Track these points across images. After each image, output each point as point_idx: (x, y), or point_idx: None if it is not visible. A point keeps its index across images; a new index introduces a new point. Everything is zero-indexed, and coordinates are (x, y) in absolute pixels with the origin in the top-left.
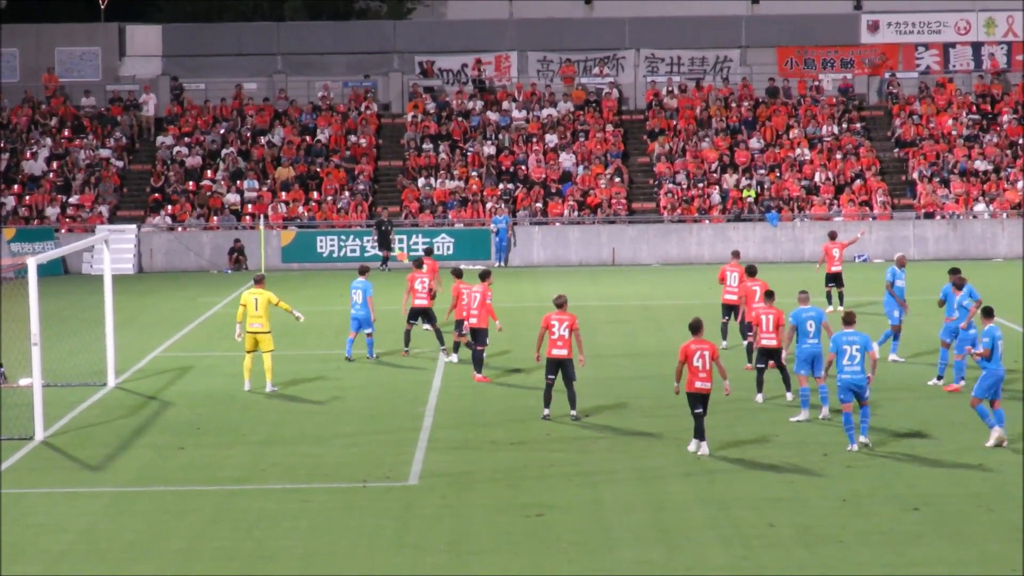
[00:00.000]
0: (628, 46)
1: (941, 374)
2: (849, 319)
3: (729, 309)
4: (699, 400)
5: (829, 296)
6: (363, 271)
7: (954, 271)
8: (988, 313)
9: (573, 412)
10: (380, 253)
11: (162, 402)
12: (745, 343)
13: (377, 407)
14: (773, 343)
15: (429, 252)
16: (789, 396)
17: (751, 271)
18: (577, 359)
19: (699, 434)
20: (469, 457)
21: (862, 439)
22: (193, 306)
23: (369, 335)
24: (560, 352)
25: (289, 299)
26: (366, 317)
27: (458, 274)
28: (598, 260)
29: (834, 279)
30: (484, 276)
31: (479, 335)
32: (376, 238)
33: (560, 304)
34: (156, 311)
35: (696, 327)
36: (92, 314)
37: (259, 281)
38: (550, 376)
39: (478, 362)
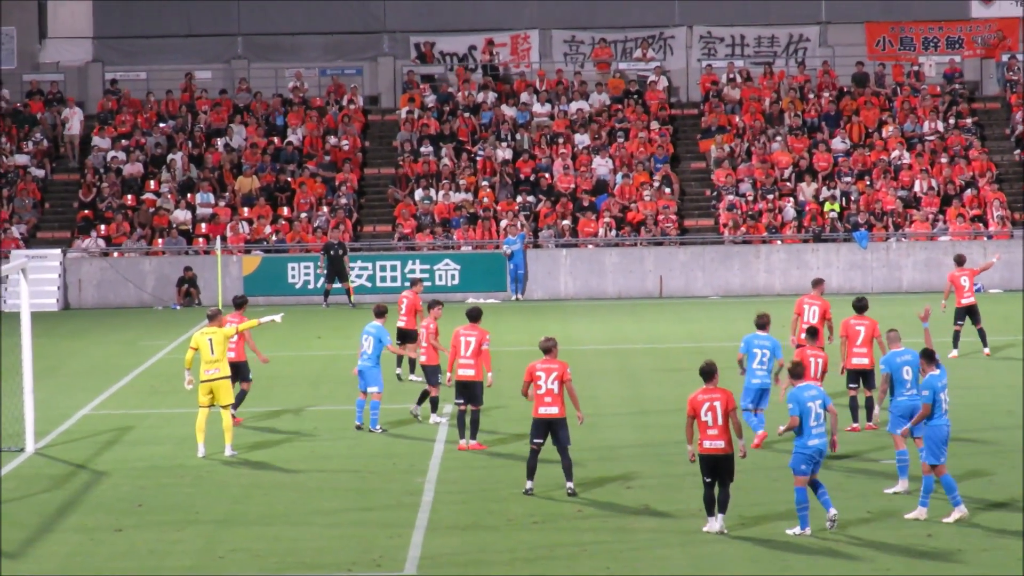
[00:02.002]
0: (678, 22)
1: None
2: (798, 371)
3: None
4: (710, 464)
5: (956, 337)
6: (379, 313)
7: None
8: (930, 358)
9: (569, 485)
10: (325, 286)
11: (94, 472)
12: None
13: (365, 478)
14: None
15: (415, 284)
16: None
17: (859, 306)
18: (575, 417)
19: (710, 509)
20: (480, 540)
21: (829, 519)
22: (132, 351)
23: (376, 395)
24: (549, 410)
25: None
26: (373, 372)
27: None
28: (641, 291)
29: (967, 314)
30: (477, 316)
31: (474, 392)
32: (324, 266)
33: (547, 349)
34: (86, 357)
35: (708, 372)
36: (6, 361)
37: (213, 317)
38: (536, 440)
39: (474, 424)
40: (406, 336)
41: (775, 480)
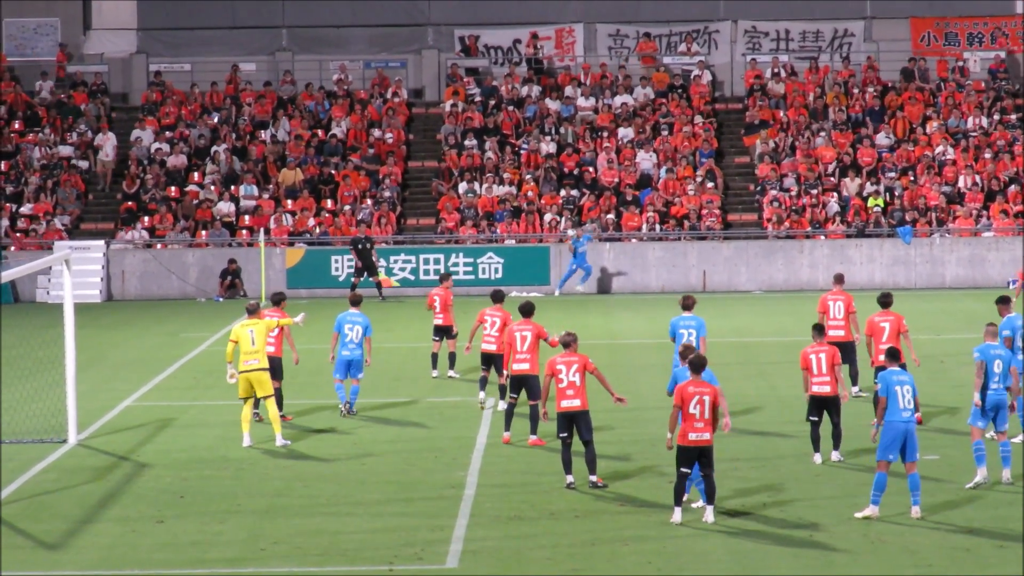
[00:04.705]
0: (723, 16)
1: None
2: (687, 355)
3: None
4: (692, 455)
5: None
6: (356, 301)
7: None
8: (892, 356)
9: (592, 478)
10: (352, 279)
11: (136, 464)
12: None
13: (407, 470)
14: (827, 390)
15: (446, 277)
16: (835, 456)
17: (884, 301)
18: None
19: (679, 499)
20: (522, 532)
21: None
22: (175, 343)
23: (358, 382)
24: (571, 403)
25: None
26: (359, 360)
27: (498, 298)
28: (685, 285)
29: None
30: (530, 311)
31: (531, 386)
32: (356, 260)
33: (568, 343)
34: (129, 349)
35: (698, 365)
36: (49, 352)
37: (253, 311)
38: (562, 435)
39: (533, 420)
40: (445, 332)
41: (816, 476)
